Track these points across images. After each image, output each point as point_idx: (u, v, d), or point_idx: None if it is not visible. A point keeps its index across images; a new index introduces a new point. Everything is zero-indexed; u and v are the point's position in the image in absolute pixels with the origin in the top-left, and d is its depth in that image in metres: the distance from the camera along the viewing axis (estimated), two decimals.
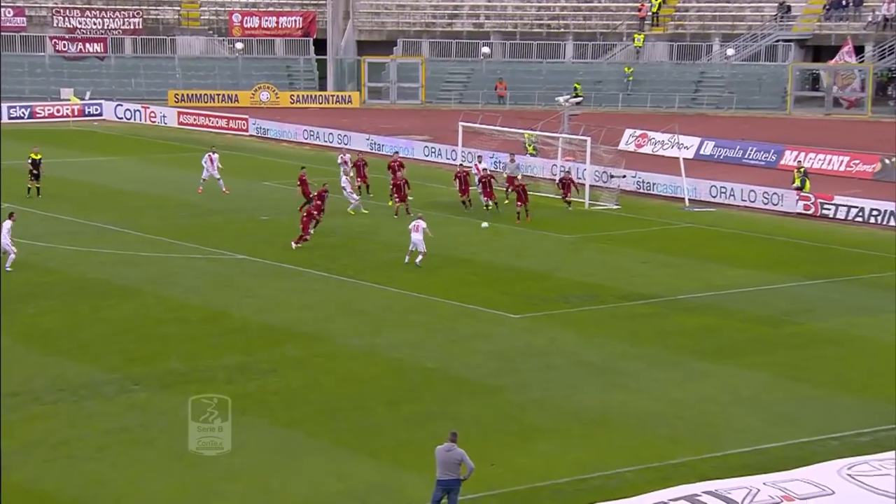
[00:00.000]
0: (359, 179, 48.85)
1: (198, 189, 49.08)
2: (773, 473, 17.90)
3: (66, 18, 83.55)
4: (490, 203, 46.15)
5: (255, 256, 38.48)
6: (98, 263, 36.99)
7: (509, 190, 47.16)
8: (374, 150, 61.10)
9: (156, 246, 39.51)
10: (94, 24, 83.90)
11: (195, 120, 72.43)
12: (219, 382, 26.73)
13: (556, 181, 50.00)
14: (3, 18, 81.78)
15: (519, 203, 45.03)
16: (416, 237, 36.96)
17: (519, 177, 47.22)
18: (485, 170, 48.05)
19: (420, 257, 36.96)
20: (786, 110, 78.51)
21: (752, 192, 49.92)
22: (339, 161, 50.11)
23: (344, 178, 47.65)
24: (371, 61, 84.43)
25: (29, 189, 47.28)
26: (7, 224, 36.31)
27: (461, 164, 50.08)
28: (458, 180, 47.28)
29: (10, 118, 71.89)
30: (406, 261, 37.07)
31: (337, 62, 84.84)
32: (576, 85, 78.49)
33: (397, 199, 45.45)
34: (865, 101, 77.44)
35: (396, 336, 30.55)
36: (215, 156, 49.83)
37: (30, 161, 47.69)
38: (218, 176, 49.39)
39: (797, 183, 50.54)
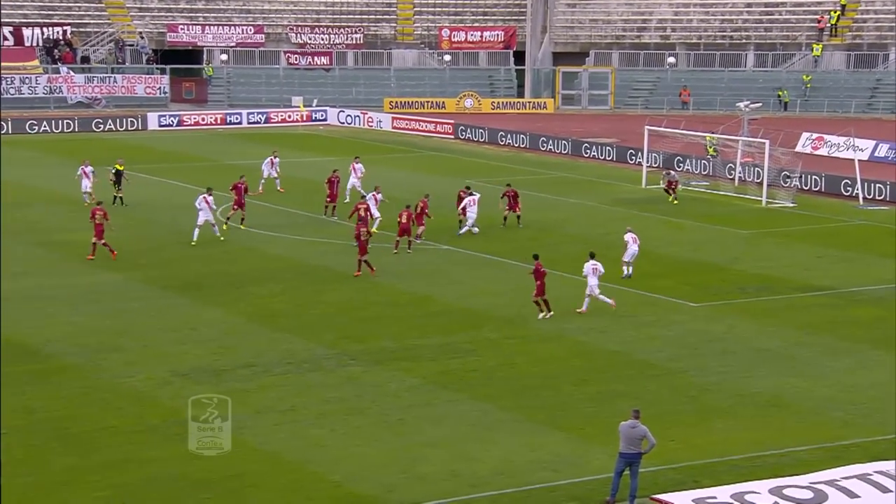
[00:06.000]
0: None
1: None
2: None
3: (299, 35, 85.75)
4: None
5: (458, 247, 38.68)
6: (320, 252, 37.74)
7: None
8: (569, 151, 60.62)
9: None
10: (322, 39, 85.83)
11: (406, 124, 73.32)
12: (424, 360, 26.94)
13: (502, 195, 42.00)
14: (245, 35, 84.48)
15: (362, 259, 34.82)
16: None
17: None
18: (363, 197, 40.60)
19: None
20: None
21: None
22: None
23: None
24: (565, 71, 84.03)
25: (115, 197, 44.49)
26: None
27: (335, 170, 44.50)
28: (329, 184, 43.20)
29: (249, 123, 74.42)
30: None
31: (534, 72, 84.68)
32: (780, 92, 77.24)
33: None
34: None
35: (584, 321, 30.25)
36: (276, 159, 48.90)
37: (113, 171, 45.21)
38: (276, 176, 48.53)
39: None
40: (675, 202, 47.09)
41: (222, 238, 38.52)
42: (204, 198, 38.44)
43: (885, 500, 15.30)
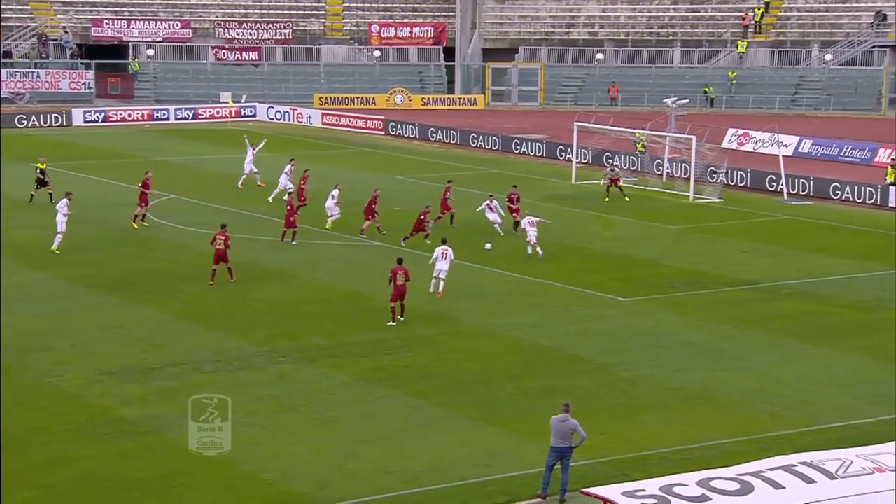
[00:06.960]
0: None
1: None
2: (866, 447, 17.42)
3: (226, 30, 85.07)
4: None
5: (390, 244, 38.71)
6: (251, 249, 37.55)
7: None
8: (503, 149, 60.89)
9: (302, 234, 39.95)
10: (250, 34, 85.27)
11: (337, 120, 73.15)
12: (356, 356, 26.96)
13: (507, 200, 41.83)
14: (171, 30, 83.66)
15: None
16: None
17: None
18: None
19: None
20: (880, 111, 76.34)
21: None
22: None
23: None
24: (495, 67, 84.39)
25: (32, 196, 44.01)
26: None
27: (305, 170, 44.27)
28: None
29: (176, 119, 73.72)
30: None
31: (464, 68, 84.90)
32: (706, 89, 78.32)
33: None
34: None
35: (517, 317, 30.46)
36: (253, 152, 49.15)
37: (37, 170, 44.59)
38: (256, 170, 48.68)
39: (890, 179, 49.07)
40: (628, 199, 47.36)
41: (58, 252, 36.75)
42: (66, 202, 37.22)
43: (809, 491, 15.60)
